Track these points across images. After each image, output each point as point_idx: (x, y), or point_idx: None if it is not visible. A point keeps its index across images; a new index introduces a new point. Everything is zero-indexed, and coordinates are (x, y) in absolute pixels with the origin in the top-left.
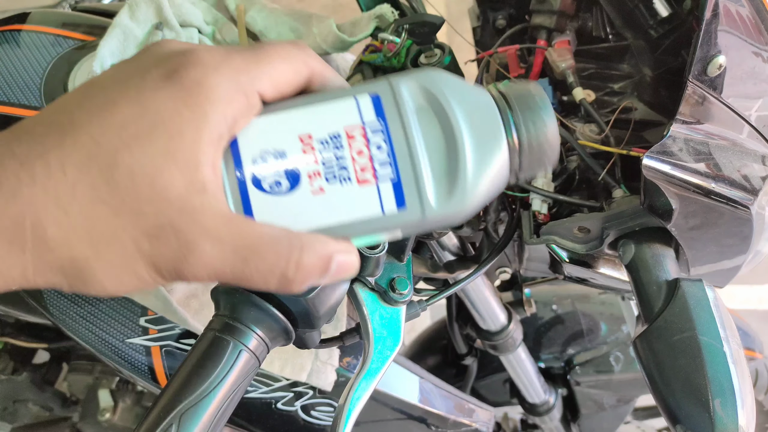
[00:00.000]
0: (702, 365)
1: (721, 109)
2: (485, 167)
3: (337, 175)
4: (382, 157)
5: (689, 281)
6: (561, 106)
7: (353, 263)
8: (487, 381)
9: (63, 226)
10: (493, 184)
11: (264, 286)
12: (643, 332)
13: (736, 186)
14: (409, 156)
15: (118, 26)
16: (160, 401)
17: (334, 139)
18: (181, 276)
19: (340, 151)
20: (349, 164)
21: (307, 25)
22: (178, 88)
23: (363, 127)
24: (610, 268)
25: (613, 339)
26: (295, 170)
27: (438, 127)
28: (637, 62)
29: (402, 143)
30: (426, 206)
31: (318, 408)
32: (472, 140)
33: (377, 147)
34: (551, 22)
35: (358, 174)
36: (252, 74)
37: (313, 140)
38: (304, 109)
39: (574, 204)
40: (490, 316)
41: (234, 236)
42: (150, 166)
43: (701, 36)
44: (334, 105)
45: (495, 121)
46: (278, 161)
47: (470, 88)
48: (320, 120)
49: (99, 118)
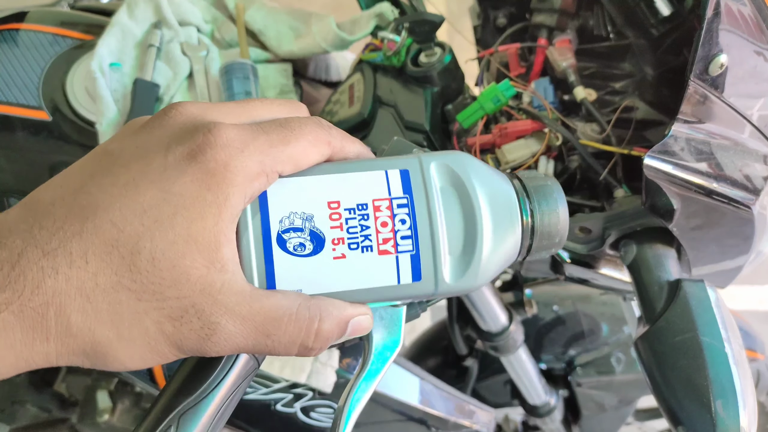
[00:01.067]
0: (704, 366)
1: (722, 109)
2: (499, 248)
3: (360, 244)
4: (405, 231)
5: (691, 282)
6: (562, 105)
7: (367, 324)
8: (488, 382)
9: (86, 313)
10: (503, 263)
11: (285, 354)
12: (645, 333)
13: (738, 186)
14: (430, 233)
15: (117, 25)
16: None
17: (361, 209)
18: (204, 353)
19: (366, 221)
20: (372, 234)
21: (307, 24)
22: (202, 171)
23: (390, 200)
24: (611, 269)
25: (615, 340)
26: (321, 234)
27: (459, 208)
28: (639, 61)
29: (425, 220)
30: (440, 281)
31: (317, 409)
32: (491, 223)
33: (401, 221)
34: (552, 20)
35: (380, 245)
36: (277, 156)
37: (341, 208)
38: (335, 177)
39: (576, 204)
40: (490, 317)
41: (255, 313)
42: (171, 251)
43: (703, 35)
44: (364, 176)
45: (512, 206)
46: (305, 223)
47: (493, 172)
48: (350, 189)
49: (120, 203)
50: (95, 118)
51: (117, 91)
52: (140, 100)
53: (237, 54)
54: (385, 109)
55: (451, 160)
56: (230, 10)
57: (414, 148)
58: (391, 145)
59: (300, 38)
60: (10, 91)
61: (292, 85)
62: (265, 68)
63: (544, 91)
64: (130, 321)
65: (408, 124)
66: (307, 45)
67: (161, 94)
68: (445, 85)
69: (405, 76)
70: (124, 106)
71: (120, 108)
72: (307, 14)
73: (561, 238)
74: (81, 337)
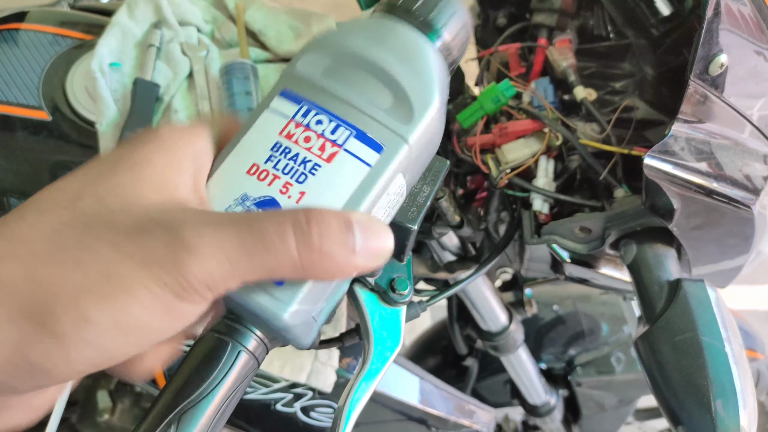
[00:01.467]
0: (704, 366)
1: (722, 109)
2: (422, 73)
3: (306, 171)
4: (329, 125)
5: (691, 282)
6: (562, 105)
7: (383, 231)
8: (488, 382)
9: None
10: (440, 80)
11: (288, 264)
12: (645, 333)
13: (738, 185)
14: (352, 106)
15: (117, 25)
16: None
17: (276, 149)
18: (187, 279)
19: (291, 152)
20: (307, 154)
21: (307, 24)
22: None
23: (292, 120)
24: (611, 268)
25: (615, 339)
26: (266, 197)
27: (359, 71)
28: (639, 61)
29: (335, 103)
30: (402, 131)
31: (317, 409)
32: (392, 58)
33: (318, 122)
34: (552, 20)
35: (321, 155)
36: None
37: (260, 165)
38: (236, 151)
39: (576, 204)
40: (490, 317)
41: (228, 219)
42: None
43: (703, 35)
44: (256, 127)
45: (408, 35)
46: (246, 204)
47: (364, 24)
48: (254, 147)
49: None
50: (95, 118)
51: (117, 91)
52: (140, 100)
53: (237, 54)
54: None
55: (316, 46)
56: (230, 10)
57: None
58: None
59: (300, 38)
60: (10, 90)
61: None
62: (266, 68)
63: (544, 91)
64: (78, 251)
65: None
66: None
67: (161, 94)
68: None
69: None
70: (124, 106)
71: (120, 108)
72: (308, 14)
73: (468, 33)
74: (22, 293)
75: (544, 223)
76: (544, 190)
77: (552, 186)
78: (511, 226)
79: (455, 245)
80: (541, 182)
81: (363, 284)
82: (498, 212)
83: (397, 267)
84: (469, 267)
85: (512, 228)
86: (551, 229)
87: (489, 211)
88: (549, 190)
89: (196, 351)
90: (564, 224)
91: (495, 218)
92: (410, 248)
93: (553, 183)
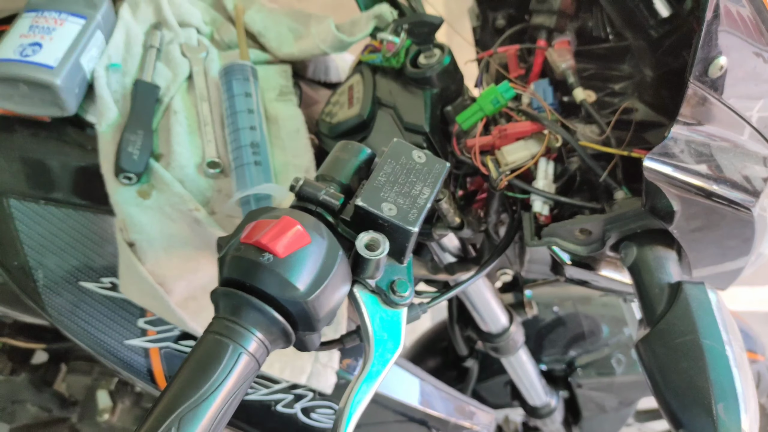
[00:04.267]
0: (704, 369)
1: (722, 111)
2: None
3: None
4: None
5: (691, 284)
6: (561, 107)
7: None
8: (489, 383)
9: None
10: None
11: None
12: (646, 335)
13: (738, 188)
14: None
15: (121, 19)
16: (159, 404)
17: None
18: None
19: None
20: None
21: (306, 26)
22: None
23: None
24: (611, 270)
25: (615, 341)
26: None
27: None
28: (638, 63)
29: None
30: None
31: (318, 410)
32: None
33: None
34: (551, 22)
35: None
36: None
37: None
38: None
39: (576, 206)
40: (491, 318)
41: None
42: None
43: (702, 37)
44: None
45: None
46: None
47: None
48: None
49: None
50: (95, 120)
51: (117, 92)
52: (140, 101)
53: (237, 55)
54: (385, 110)
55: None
56: (229, 12)
57: (413, 149)
58: (391, 147)
59: (299, 40)
60: None
61: (292, 87)
62: (265, 69)
63: (543, 93)
64: None
65: (407, 125)
66: (306, 47)
67: (161, 95)
68: (445, 87)
69: (404, 77)
70: (124, 107)
71: (120, 109)
72: (307, 16)
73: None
74: None
75: (544, 225)
76: (544, 192)
77: (552, 188)
78: (511, 227)
79: (455, 247)
80: (541, 184)
81: (364, 286)
82: (498, 214)
83: (397, 269)
84: (470, 269)
85: (512, 230)
86: (551, 231)
87: (489, 213)
88: (549, 191)
89: (196, 352)
90: (564, 226)
91: (495, 220)
92: (410, 250)
93: (553, 185)
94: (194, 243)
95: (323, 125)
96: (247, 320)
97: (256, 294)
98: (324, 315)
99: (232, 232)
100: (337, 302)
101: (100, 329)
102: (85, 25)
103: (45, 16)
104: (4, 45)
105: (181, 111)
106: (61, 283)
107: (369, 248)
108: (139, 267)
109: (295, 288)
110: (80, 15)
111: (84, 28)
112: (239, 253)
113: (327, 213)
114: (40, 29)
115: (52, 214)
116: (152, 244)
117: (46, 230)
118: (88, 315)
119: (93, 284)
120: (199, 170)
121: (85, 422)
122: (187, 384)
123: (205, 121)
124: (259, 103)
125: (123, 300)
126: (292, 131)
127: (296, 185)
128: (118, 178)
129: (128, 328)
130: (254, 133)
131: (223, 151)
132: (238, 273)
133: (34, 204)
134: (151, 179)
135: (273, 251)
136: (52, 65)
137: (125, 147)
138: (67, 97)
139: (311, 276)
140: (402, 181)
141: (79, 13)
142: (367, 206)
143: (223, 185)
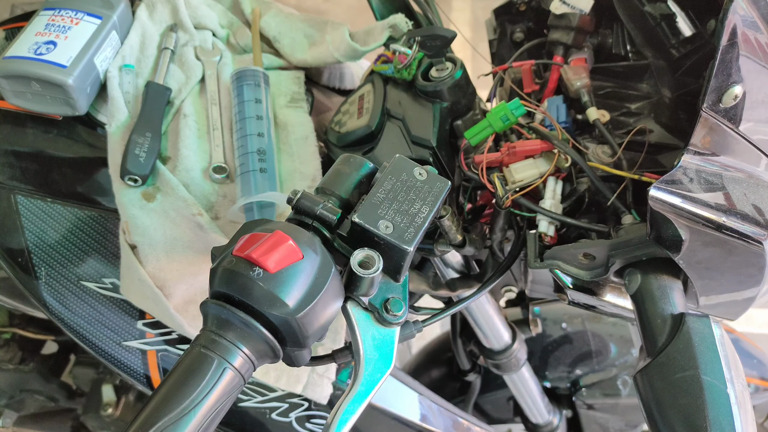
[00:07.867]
0: (703, 406)
1: (736, 140)
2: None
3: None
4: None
5: (695, 317)
6: (575, 125)
7: None
8: (491, 397)
9: None
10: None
11: None
12: (645, 367)
13: (749, 220)
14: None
15: (137, 20)
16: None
17: None
18: None
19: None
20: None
21: (321, 32)
22: None
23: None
24: (615, 296)
25: (622, 362)
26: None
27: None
28: (657, 82)
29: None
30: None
31: (313, 420)
32: None
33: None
34: (569, 38)
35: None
36: None
37: None
38: None
39: (582, 227)
40: (493, 335)
41: None
42: None
43: (716, 65)
44: None
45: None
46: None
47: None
48: None
49: None
50: (105, 120)
51: (129, 93)
52: (150, 103)
53: (251, 60)
54: (393, 122)
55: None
56: (247, 16)
57: (415, 166)
58: (392, 163)
59: (313, 47)
60: None
61: (304, 93)
62: (278, 75)
63: (556, 110)
64: None
65: (414, 138)
66: (319, 54)
67: (172, 98)
68: (455, 101)
69: (415, 89)
70: (135, 109)
71: (131, 110)
72: (323, 22)
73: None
74: None
75: (549, 246)
76: (551, 212)
77: (559, 208)
78: (515, 246)
79: (459, 262)
80: (548, 203)
81: (357, 303)
82: (503, 231)
83: (392, 287)
84: (472, 285)
85: (516, 248)
86: (554, 254)
87: (494, 230)
88: (556, 212)
89: (181, 365)
90: (567, 250)
91: (500, 237)
92: (406, 269)
93: (561, 205)
94: (196, 247)
95: (332, 134)
96: (233, 335)
97: (244, 308)
98: (313, 332)
99: (227, 243)
100: (327, 319)
101: (99, 329)
102: (100, 25)
103: (62, 15)
104: (20, 42)
105: (192, 114)
106: (62, 281)
107: (363, 266)
108: (139, 269)
109: (284, 304)
110: (96, 15)
111: (99, 28)
112: (230, 266)
113: (323, 227)
114: (56, 27)
115: (58, 212)
116: (154, 247)
117: (52, 228)
118: (87, 314)
119: (94, 284)
120: (205, 174)
121: (89, 415)
122: (170, 397)
123: (214, 125)
124: (269, 110)
125: (123, 301)
126: (300, 138)
127: (294, 198)
128: (123, 179)
129: (127, 330)
130: (261, 140)
131: (230, 156)
132: (228, 287)
133: (41, 201)
134: (157, 182)
135: (263, 266)
136: (64, 64)
137: (132, 149)
138: (78, 97)
139: (301, 292)
140: (401, 198)
141: (96, 13)
142: (363, 223)
143: (228, 190)
